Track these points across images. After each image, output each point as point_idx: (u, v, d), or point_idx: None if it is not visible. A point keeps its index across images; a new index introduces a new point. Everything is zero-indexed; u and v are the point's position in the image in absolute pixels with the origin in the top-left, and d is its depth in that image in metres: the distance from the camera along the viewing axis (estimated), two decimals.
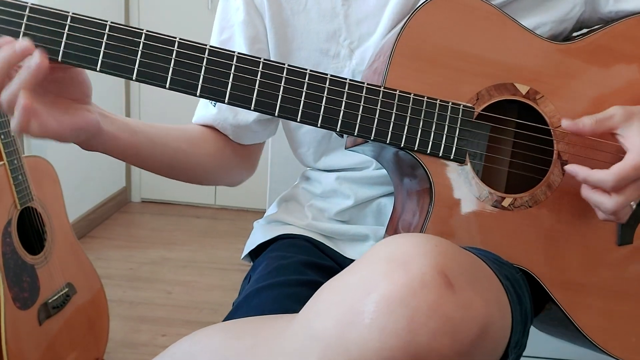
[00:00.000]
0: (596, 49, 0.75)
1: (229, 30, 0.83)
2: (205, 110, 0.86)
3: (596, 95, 0.74)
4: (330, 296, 0.51)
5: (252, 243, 0.90)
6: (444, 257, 0.50)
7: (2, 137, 1.30)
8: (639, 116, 0.69)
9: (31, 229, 1.41)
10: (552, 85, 0.73)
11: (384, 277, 0.48)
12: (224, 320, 0.70)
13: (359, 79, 0.79)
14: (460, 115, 0.69)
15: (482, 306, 0.50)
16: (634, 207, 0.70)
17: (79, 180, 2.54)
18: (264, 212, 0.97)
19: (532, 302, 0.71)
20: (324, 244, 0.85)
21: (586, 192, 0.70)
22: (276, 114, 0.66)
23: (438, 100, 0.69)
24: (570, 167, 0.70)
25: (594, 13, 0.81)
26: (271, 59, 0.66)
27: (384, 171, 0.82)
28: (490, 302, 0.52)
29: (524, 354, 0.66)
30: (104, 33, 0.61)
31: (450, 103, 0.69)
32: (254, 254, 0.90)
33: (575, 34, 0.83)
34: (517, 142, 0.76)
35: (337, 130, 0.67)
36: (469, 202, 0.71)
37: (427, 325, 0.46)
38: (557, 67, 0.73)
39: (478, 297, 0.50)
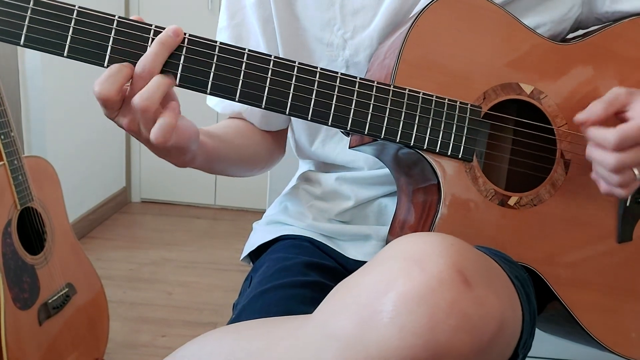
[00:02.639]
0: (597, 50, 0.75)
1: (241, 12, 0.83)
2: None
3: (597, 95, 0.74)
4: (346, 296, 0.51)
5: (252, 244, 0.90)
6: (459, 255, 0.50)
7: (2, 137, 1.29)
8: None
9: (31, 229, 1.40)
10: (554, 85, 0.73)
11: (401, 276, 0.48)
12: (228, 323, 0.69)
13: (352, 71, 0.79)
14: (468, 115, 0.69)
15: (498, 304, 0.50)
16: (638, 175, 0.68)
17: (79, 180, 2.54)
18: (264, 213, 0.97)
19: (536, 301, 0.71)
20: (326, 245, 0.85)
21: (589, 150, 0.69)
22: (287, 113, 0.65)
23: (446, 100, 0.69)
24: (579, 116, 0.70)
25: (590, 14, 0.82)
26: (282, 57, 0.65)
27: (383, 171, 0.82)
28: (504, 300, 0.52)
29: None
30: (112, 28, 0.60)
31: (458, 102, 0.69)
32: (254, 255, 0.90)
33: (571, 35, 0.84)
34: (521, 141, 0.76)
35: (348, 128, 0.67)
36: (475, 200, 0.71)
37: (446, 322, 0.46)
38: (559, 67, 0.74)
39: (493, 295, 0.50)
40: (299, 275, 0.76)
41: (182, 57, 0.62)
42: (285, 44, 0.82)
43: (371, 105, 0.67)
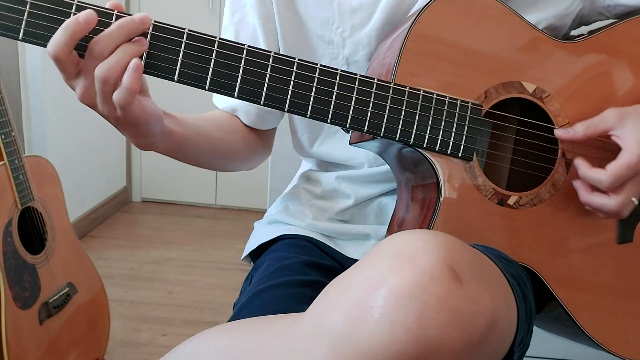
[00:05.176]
0: (600, 48, 0.75)
1: (241, 11, 0.85)
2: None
3: (600, 95, 0.74)
4: (338, 292, 0.51)
5: (252, 243, 0.90)
6: (451, 252, 0.50)
7: (3, 136, 1.29)
8: (633, 115, 0.70)
9: (32, 229, 1.40)
10: (557, 84, 0.73)
11: (392, 272, 0.48)
12: (228, 322, 0.69)
13: (353, 68, 0.79)
14: (468, 113, 0.69)
15: (490, 300, 0.50)
16: (636, 202, 0.70)
17: (79, 179, 2.54)
18: (265, 212, 0.97)
19: (535, 300, 0.71)
20: (325, 244, 0.85)
21: (586, 197, 0.70)
22: (286, 109, 0.65)
23: (447, 98, 0.68)
24: (577, 161, 0.71)
25: (592, 8, 0.82)
26: (281, 53, 0.65)
27: (383, 169, 0.82)
28: (497, 297, 0.53)
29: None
30: (110, 22, 0.60)
31: (459, 100, 0.69)
32: (255, 254, 0.90)
33: (575, 32, 0.83)
34: (522, 140, 0.76)
35: (347, 126, 0.66)
36: (475, 199, 0.70)
37: (436, 318, 0.47)
38: (562, 66, 0.73)
39: (485, 291, 0.50)
40: (299, 274, 0.76)
41: (181, 53, 0.62)
42: (286, 42, 0.83)
43: (371, 103, 0.66)
